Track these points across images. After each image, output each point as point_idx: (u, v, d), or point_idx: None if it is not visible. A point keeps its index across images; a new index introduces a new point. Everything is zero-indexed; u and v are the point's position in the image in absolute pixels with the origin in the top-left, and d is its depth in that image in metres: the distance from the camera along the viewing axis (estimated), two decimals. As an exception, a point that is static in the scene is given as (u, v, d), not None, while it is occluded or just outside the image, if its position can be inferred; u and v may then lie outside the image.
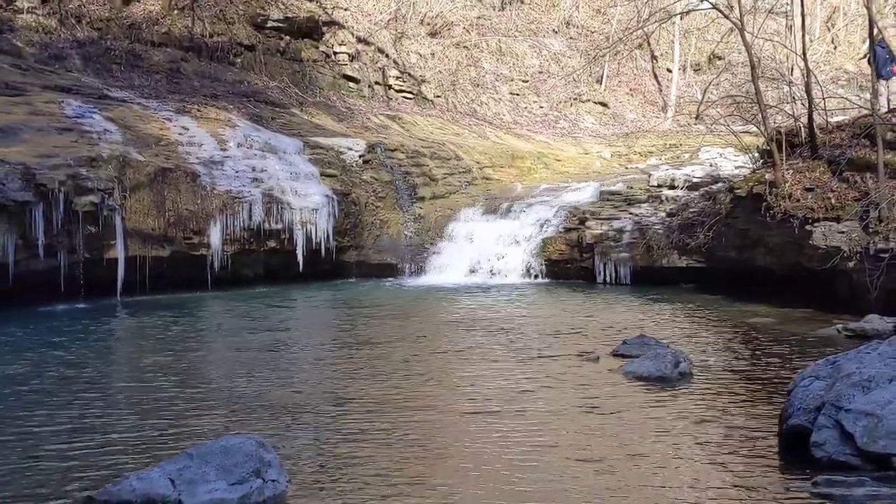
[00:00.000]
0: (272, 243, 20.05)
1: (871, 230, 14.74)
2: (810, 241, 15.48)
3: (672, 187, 23.90)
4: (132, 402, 9.27)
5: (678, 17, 34.91)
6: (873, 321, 13.19)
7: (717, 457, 7.24)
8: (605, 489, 6.51)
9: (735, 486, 6.50)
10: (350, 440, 7.73)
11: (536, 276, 21.52)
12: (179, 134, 20.08)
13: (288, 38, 28.78)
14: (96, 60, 23.84)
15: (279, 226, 19.92)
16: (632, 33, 32.36)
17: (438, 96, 33.31)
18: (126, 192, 17.58)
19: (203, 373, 10.87)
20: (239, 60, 27.23)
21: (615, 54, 37.57)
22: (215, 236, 18.93)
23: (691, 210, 20.57)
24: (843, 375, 7.15)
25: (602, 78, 39.39)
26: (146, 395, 9.54)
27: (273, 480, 6.22)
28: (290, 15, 28.81)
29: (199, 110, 22.13)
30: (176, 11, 26.41)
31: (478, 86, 35.50)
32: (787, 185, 16.31)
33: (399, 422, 8.31)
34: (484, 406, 8.99)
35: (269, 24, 28.39)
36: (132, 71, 24.15)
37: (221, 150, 20.27)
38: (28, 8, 24.08)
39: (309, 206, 20.39)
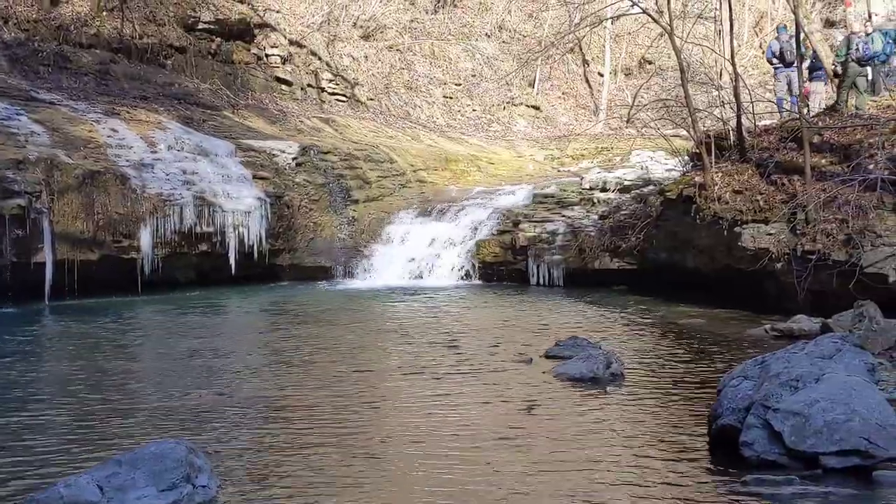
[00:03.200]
0: (204, 246, 19.87)
1: (798, 232, 15.00)
2: (739, 243, 15.70)
3: (604, 190, 24.14)
4: (59, 409, 9.10)
5: (609, 21, 35.20)
6: (801, 321, 13.41)
7: (646, 457, 7.30)
8: (532, 491, 6.53)
9: (664, 486, 6.56)
10: (281, 446, 7.67)
11: (470, 278, 21.59)
12: (108, 136, 19.78)
13: (219, 39, 28.51)
14: (24, 62, 23.41)
15: (211, 229, 19.74)
16: (563, 37, 32.61)
17: (372, 99, 33.26)
18: (54, 195, 17.30)
19: (132, 378, 10.72)
20: (169, 62, 26.92)
21: (547, 58, 37.82)
22: (145, 239, 18.70)
23: (623, 212, 20.78)
24: (771, 375, 7.26)
25: (535, 82, 39.63)
26: (73, 401, 9.38)
27: (203, 486, 6.15)
28: (221, 17, 28.52)
29: (128, 112, 21.84)
30: (105, 13, 26.02)
31: (411, 89, 35.51)
32: (716, 187, 16.53)
33: (330, 428, 8.27)
34: (413, 410, 8.97)
35: (200, 25, 28.10)
36: (60, 73, 23.75)
37: (152, 152, 20.02)
38: (-47, 9, 23.62)
39: (241, 208, 20.25)
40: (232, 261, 20.14)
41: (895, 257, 13.88)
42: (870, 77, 19.22)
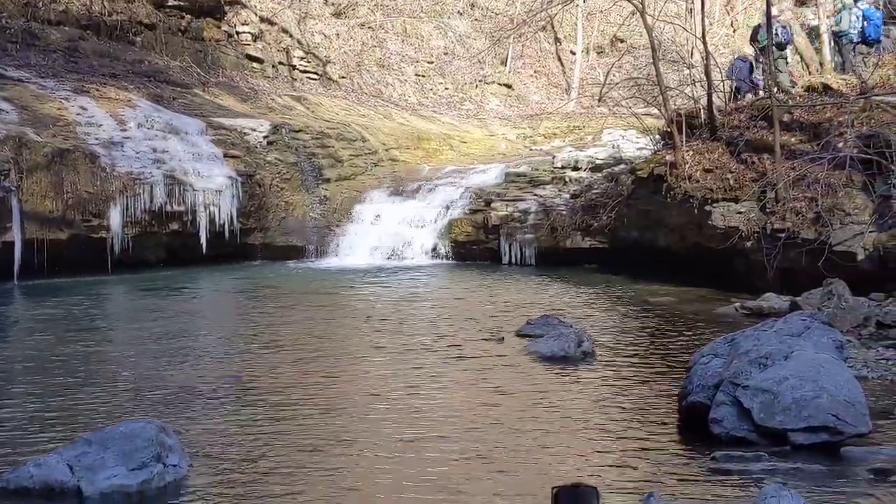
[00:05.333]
0: (174, 225, 19.73)
1: (768, 210, 15.09)
2: (709, 222, 15.78)
3: (576, 169, 24.15)
4: (29, 388, 9.06)
5: (581, -1, 35.20)
6: (770, 299, 13.53)
7: (617, 434, 7.35)
8: (503, 467, 6.56)
9: (635, 462, 6.61)
10: (252, 426, 7.67)
11: (443, 258, 21.56)
12: (78, 114, 19.59)
13: (189, 16, 28.20)
14: (-9, 39, 23.14)
15: (181, 208, 19.60)
16: (536, 15, 32.49)
17: (344, 77, 33.08)
18: (23, 174, 17.13)
19: (103, 358, 10.67)
20: (139, 39, 26.62)
21: (519, 36, 37.74)
22: (115, 219, 18.55)
23: (594, 191, 20.84)
24: (740, 353, 7.32)
25: (507, 60, 39.54)
26: (44, 381, 9.33)
27: (174, 465, 6.15)
28: (191, -7, 28.24)
29: (98, 90, 21.61)
30: (73, -12, 25.72)
31: (383, 67, 35.33)
32: (686, 166, 16.59)
33: (301, 408, 8.27)
34: (385, 390, 8.99)
35: (170, 2, 27.75)
36: (28, 50, 23.43)
37: (121, 130, 19.84)
38: (-82, -14, 23.27)
39: (212, 187, 20.10)
40: (203, 240, 19.99)
41: (863, 235, 14.01)
42: (789, 60, 19.50)
